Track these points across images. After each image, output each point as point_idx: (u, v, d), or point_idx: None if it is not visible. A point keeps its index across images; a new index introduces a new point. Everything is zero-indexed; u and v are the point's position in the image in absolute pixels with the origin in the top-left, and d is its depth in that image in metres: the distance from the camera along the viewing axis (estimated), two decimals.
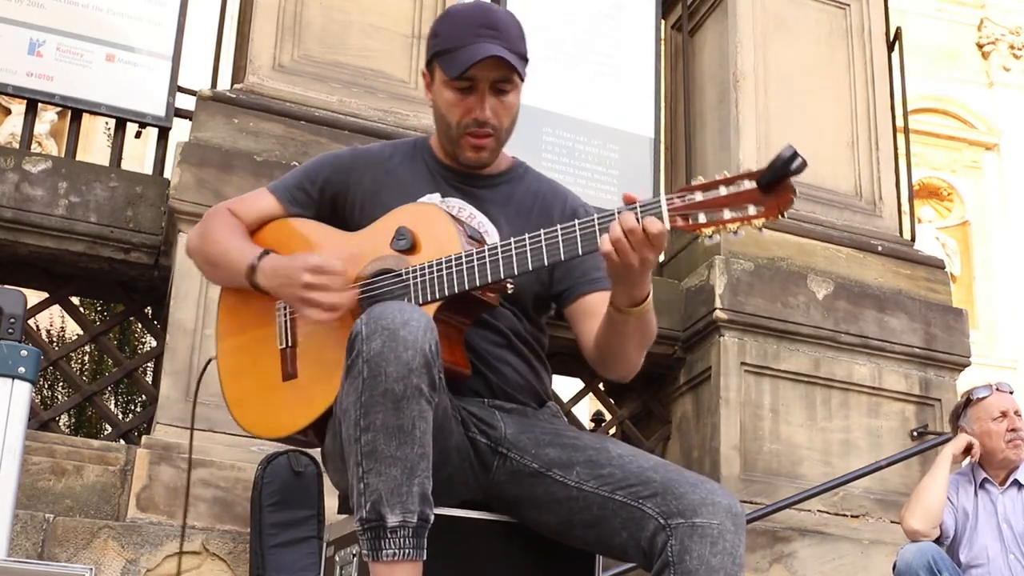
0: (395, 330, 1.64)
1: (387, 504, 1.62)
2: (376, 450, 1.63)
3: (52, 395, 5.65)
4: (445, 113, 1.97)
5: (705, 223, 1.68)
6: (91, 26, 4.32)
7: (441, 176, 2.04)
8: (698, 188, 1.69)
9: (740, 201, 1.66)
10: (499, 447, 1.88)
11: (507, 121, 1.98)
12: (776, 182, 1.64)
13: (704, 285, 4.58)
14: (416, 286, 1.84)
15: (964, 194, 16.17)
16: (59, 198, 4.00)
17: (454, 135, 1.98)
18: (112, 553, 3.27)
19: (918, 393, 4.72)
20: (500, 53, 1.90)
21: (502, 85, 1.94)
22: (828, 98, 5.15)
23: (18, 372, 2.26)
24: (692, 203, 1.68)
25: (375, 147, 2.14)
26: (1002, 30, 16.79)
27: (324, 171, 2.07)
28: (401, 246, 1.88)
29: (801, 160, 1.61)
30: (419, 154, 2.08)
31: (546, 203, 2.06)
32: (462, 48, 1.91)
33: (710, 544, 1.69)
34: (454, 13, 1.98)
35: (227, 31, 4.88)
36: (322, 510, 3.17)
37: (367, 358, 1.64)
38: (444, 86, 1.95)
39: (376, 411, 1.64)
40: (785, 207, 1.65)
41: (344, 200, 2.04)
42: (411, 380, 1.63)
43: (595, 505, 1.79)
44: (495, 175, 2.07)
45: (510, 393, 1.95)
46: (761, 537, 4.19)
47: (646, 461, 1.83)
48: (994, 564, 3.54)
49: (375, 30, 4.43)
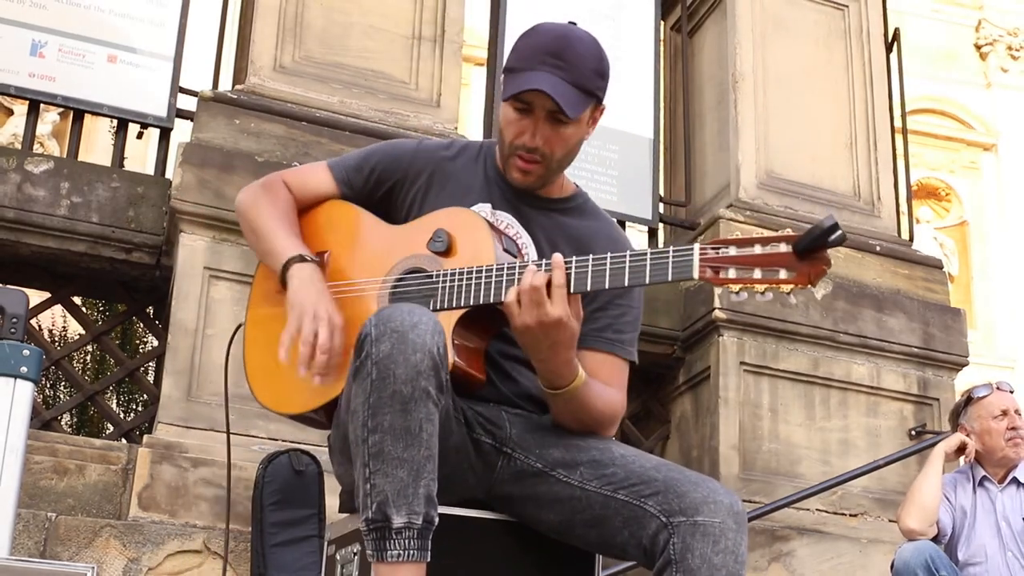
0: (404, 332, 1.65)
1: (393, 505, 1.63)
2: (383, 451, 1.64)
3: (54, 394, 5.66)
4: (502, 128, 1.96)
5: (734, 279, 1.67)
6: (93, 27, 4.33)
7: (498, 187, 2.03)
8: (733, 243, 1.67)
9: (773, 263, 1.64)
10: (504, 447, 1.89)
11: (560, 152, 1.95)
12: (813, 250, 1.61)
13: (703, 285, 4.59)
14: (444, 289, 1.83)
15: (962, 194, 16.18)
16: (61, 198, 4.02)
17: (505, 152, 1.97)
18: (114, 552, 3.28)
19: (916, 392, 4.74)
20: (546, 88, 1.86)
21: (558, 116, 1.91)
22: (827, 99, 5.17)
23: (20, 372, 2.27)
24: (725, 257, 1.67)
25: (442, 142, 2.13)
26: (1000, 31, 16.80)
27: (380, 157, 2.08)
28: (437, 248, 1.88)
29: (841, 233, 1.58)
30: (482, 160, 2.07)
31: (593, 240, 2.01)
32: (523, 72, 1.89)
33: (712, 542, 1.70)
34: (536, 32, 1.95)
35: (228, 32, 4.89)
36: (323, 509, 3.18)
37: (376, 360, 1.65)
38: (505, 103, 1.94)
39: (384, 413, 1.64)
40: (817, 278, 1.63)
41: (398, 190, 2.04)
42: (419, 383, 1.64)
43: (597, 504, 1.80)
44: (553, 199, 2.05)
45: (519, 403, 1.96)
46: (760, 536, 4.20)
47: (648, 461, 1.84)
48: (992, 562, 3.55)
49: (376, 31, 4.44)
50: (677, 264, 1.70)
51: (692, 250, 1.69)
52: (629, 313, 1.99)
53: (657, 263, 1.72)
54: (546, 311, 1.73)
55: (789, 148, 5.02)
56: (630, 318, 2.00)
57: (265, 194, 2.07)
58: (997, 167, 16.27)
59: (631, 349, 2.00)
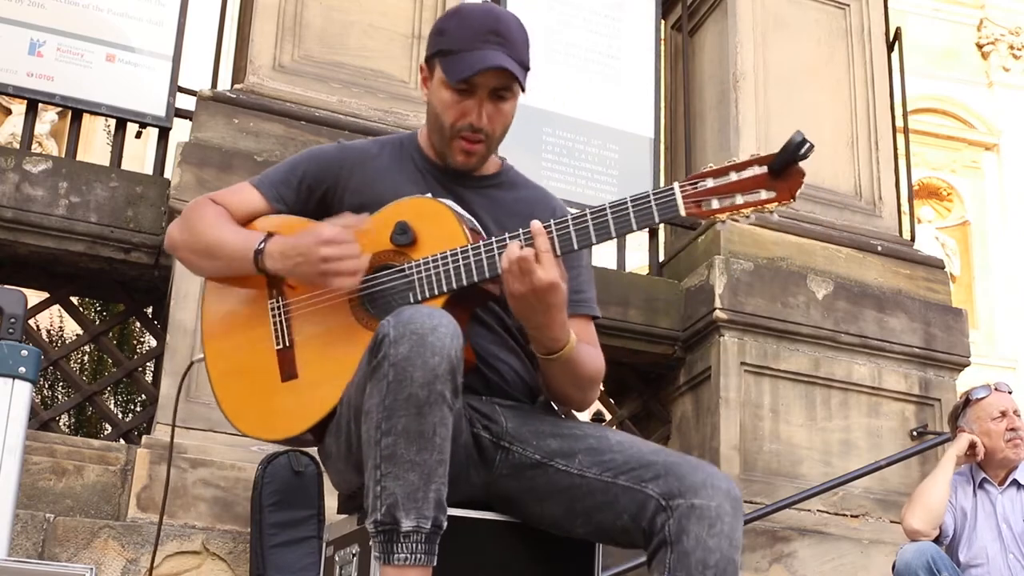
0: (424, 335, 1.64)
1: (403, 508, 1.63)
2: (396, 454, 1.63)
3: (52, 395, 5.64)
4: (440, 113, 1.96)
5: (719, 208, 1.70)
6: (91, 26, 4.32)
7: (431, 175, 2.03)
8: (708, 175, 1.71)
9: (751, 186, 1.69)
10: (501, 441, 1.89)
11: (500, 129, 1.97)
12: (786, 166, 1.67)
13: (704, 285, 4.58)
14: (421, 281, 1.83)
15: (964, 194, 16.17)
16: (59, 198, 4.01)
17: (446, 136, 1.97)
18: (112, 553, 3.27)
19: (918, 393, 4.73)
20: (506, 64, 1.89)
21: (501, 92, 1.93)
22: (828, 98, 5.16)
23: (18, 372, 2.26)
24: (704, 189, 1.70)
25: (361, 143, 2.11)
26: (1002, 30, 16.79)
27: (306, 166, 2.04)
28: (401, 241, 1.87)
29: (810, 144, 1.65)
30: (407, 151, 2.06)
31: (535, 209, 2.03)
32: (467, 52, 1.90)
33: (708, 525, 1.70)
34: (464, 13, 1.96)
35: (227, 31, 4.88)
36: (322, 510, 3.18)
37: (394, 361, 1.64)
38: (443, 86, 1.94)
39: (399, 415, 1.64)
40: (796, 189, 1.69)
41: (332, 196, 2.02)
42: (436, 386, 1.64)
43: (598, 491, 1.80)
44: (484, 177, 2.05)
45: (507, 391, 1.96)
46: (761, 537, 4.19)
47: (646, 446, 1.85)
48: (993, 564, 3.54)
49: (375, 30, 4.43)
50: (661, 206, 1.73)
51: (672, 189, 1.73)
52: (582, 273, 2.03)
53: (641, 209, 1.75)
54: (538, 276, 1.75)
55: None
56: (585, 277, 2.03)
57: (197, 213, 2.02)
58: (999, 167, 16.25)
59: (594, 305, 2.04)
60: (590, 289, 2.04)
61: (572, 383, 1.93)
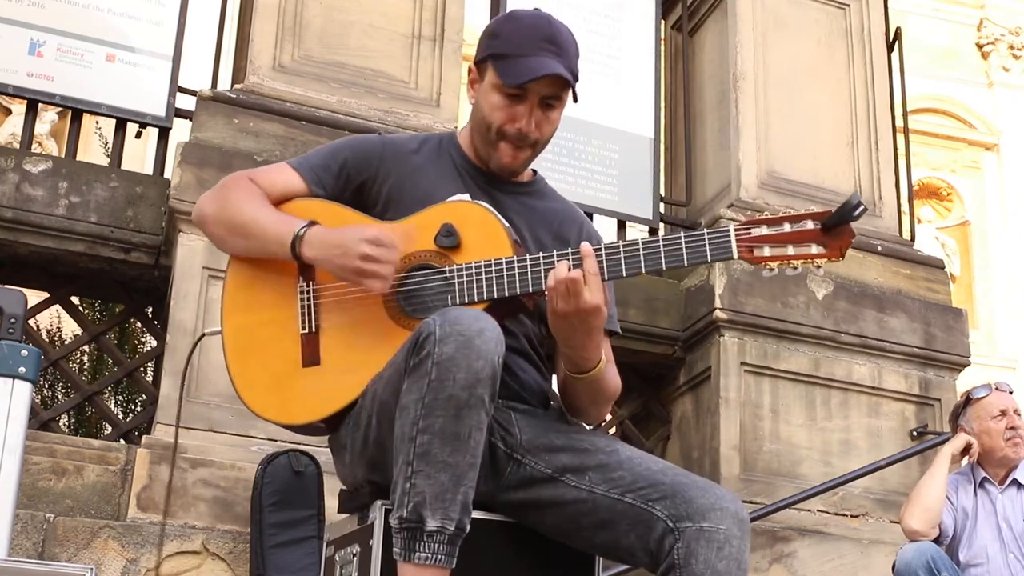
0: (470, 338, 1.64)
1: (430, 508, 1.63)
2: (429, 453, 1.64)
3: (52, 395, 5.64)
4: (487, 115, 1.95)
5: (770, 257, 1.73)
6: (91, 26, 4.32)
7: (469, 175, 2.03)
8: (763, 222, 1.74)
9: (803, 239, 1.72)
10: (515, 453, 1.89)
11: (547, 136, 1.98)
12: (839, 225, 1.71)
13: (704, 285, 4.58)
14: (461, 285, 1.83)
15: (964, 194, 16.17)
16: (59, 198, 4.01)
17: (492, 139, 1.97)
18: (112, 553, 3.27)
19: (918, 393, 4.73)
20: (562, 72, 1.90)
21: (551, 100, 1.94)
22: (828, 98, 5.16)
23: (19, 372, 2.26)
24: (759, 236, 1.73)
25: (403, 137, 2.12)
26: (1002, 30, 16.79)
27: (348, 154, 2.03)
28: (446, 243, 1.86)
29: (864, 208, 1.69)
30: (445, 150, 2.06)
31: (564, 224, 2.06)
32: (523, 58, 1.89)
33: (716, 549, 1.71)
34: (519, 18, 1.96)
35: (227, 31, 4.88)
36: (322, 510, 3.18)
37: (438, 360, 1.64)
38: (494, 89, 1.93)
39: (437, 415, 1.64)
40: (846, 248, 1.73)
41: (369, 186, 2.02)
42: (477, 390, 1.64)
43: (604, 508, 1.81)
44: (520, 184, 2.07)
45: (524, 397, 1.96)
46: (761, 537, 4.19)
47: (655, 464, 1.85)
48: (993, 563, 3.54)
49: (375, 30, 4.43)
50: (715, 247, 1.75)
51: (728, 231, 1.75)
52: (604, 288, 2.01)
53: (694, 246, 1.76)
54: (584, 299, 1.77)
55: (790, 147, 5.01)
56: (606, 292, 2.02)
57: (233, 190, 1.99)
58: (999, 166, 16.25)
59: (614, 321, 2.06)
60: (611, 305, 2.02)
61: (592, 400, 1.95)
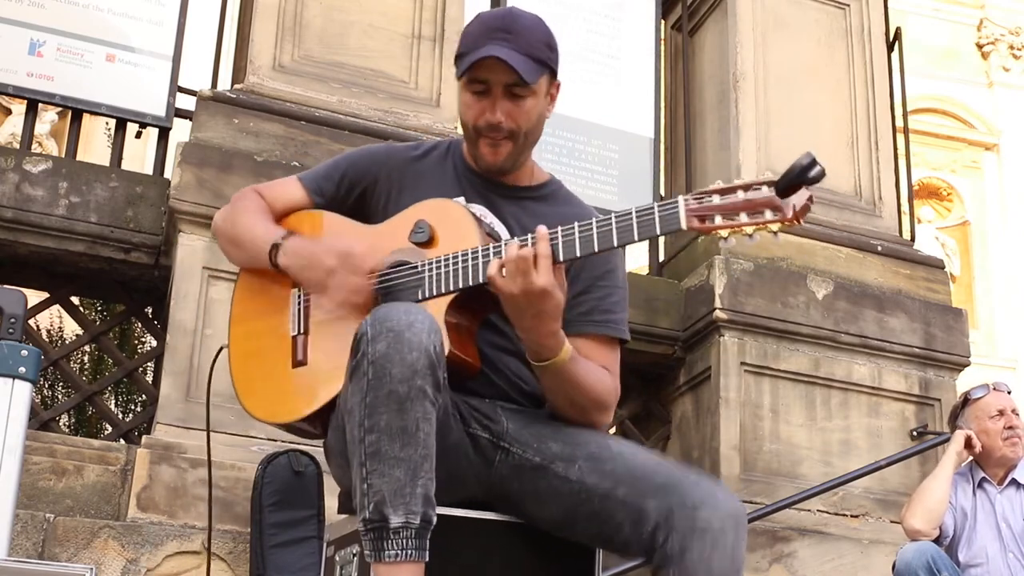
0: (400, 332, 1.65)
1: (390, 505, 1.63)
2: (380, 451, 1.64)
3: (52, 395, 5.64)
4: (462, 115, 1.99)
5: (721, 225, 1.70)
6: (91, 26, 4.32)
7: (467, 180, 2.04)
8: (716, 191, 1.70)
9: (757, 206, 1.69)
10: (501, 441, 1.89)
11: (525, 125, 1.97)
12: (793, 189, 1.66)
13: (704, 285, 4.58)
14: (431, 278, 1.85)
15: (964, 194, 16.16)
16: (59, 198, 4.01)
17: (471, 137, 1.99)
18: (112, 553, 3.27)
19: (918, 393, 4.72)
20: (499, 54, 1.89)
21: (516, 90, 1.93)
22: (828, 98, 5.15)
23: (19, 372, 2.26)
24: (710, 205, 1.70)
25: (410, 145, 2.15)
26: (1002, 30, 16.79)
27: (350, 162, 2.09)
28: (418, 239, 1.90)
29: (820, 168, 1.62)
30: (450, 157, 2.08)
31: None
32: (474, 51, 1.91)
33: (711, 543, 1.70)
34: (478, 17, 1.99)
35: (227, 31, 4.88)
36: (322, 510, 3.18)
37: (372, 359, 1.65)
38: (462, 88, 1.96)
39: (380, 412, 1.64)
40: (802, 214, 1.68)
41: (371, 194, 2.05)
42: (415, 382, 1.64)
43: (597, 499, 1.80)
44: (523, 187, 2.06)
45: (511, 395, 1.96)
46: (761, 537, 4.19)
47: (647, 457, 1.85)
48: (993, 563, 3.54)
49: (375, 30, 4.43)
50: (664, 218, 1.72)
51: (677, 202, 1.72)
52: (615, 293, 2.00)
53: (644, 220, 1.74)
54: (531, 280, 1.74)
55: (790, 147, 5.00)
56: (616, 298, 2.00)
57: (240, 203, 2.08)
58: (999, 167, 16.25)
59: (622, 327, 2.00)
60: (620, 311, 2.01)
61: (566, 399, 1.90)
